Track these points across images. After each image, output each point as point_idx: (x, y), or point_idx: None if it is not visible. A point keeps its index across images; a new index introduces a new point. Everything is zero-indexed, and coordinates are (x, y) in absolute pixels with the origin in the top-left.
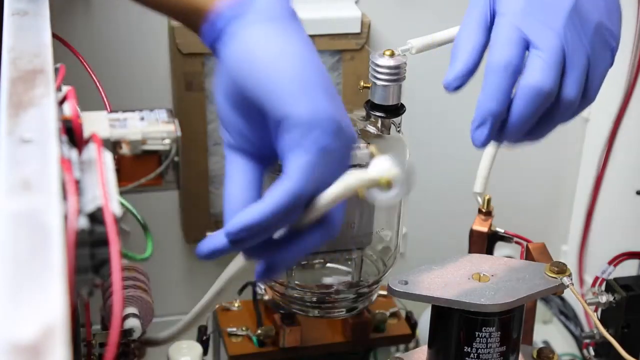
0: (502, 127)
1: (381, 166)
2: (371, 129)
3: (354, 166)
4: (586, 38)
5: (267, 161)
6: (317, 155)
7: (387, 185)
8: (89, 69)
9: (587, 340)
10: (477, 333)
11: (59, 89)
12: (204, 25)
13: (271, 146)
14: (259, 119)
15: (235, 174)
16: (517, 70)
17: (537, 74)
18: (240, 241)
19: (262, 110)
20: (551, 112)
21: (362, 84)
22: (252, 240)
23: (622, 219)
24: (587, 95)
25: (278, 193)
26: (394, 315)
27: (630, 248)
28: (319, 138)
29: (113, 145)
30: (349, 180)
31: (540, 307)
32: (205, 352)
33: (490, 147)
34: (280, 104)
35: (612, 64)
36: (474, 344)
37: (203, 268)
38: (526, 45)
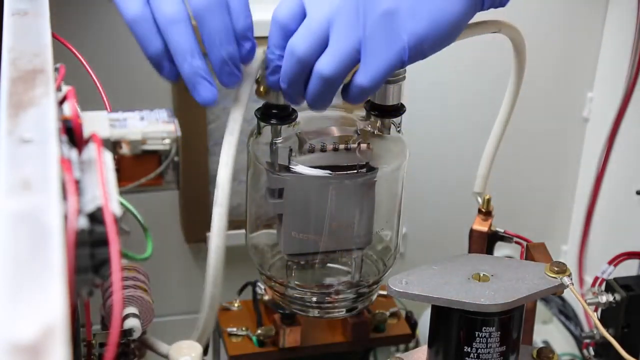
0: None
1: None
2: (371, 129)
3: (354, 166)
4: (366, 21)
5: None
6: None
7: None
8: (89, 69)
9: (587, 340)
10: (477, 333)
11: (59, 89)
12: None
13: None
14: None
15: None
16: (286, 28)
17: (295, 37)
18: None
19: None
20: (309, 81)
21: None
22: None
23: (622, 219)
24: (355, 81)
25: None
26: (394, 315)
27: (630, 248)
28: None
29: (113, 145)
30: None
31: (540, 307)
32: (205, 352)
33: (491, 147)
34: None
35: (402, 61)
36: (474, 344)
37: (203, 268)
38: (303, 13)
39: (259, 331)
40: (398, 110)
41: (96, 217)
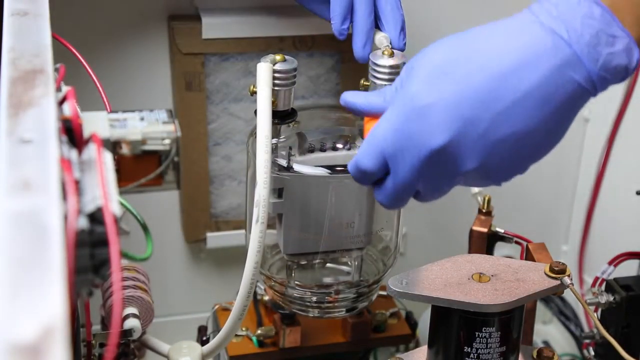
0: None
1: None
2: None
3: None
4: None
5: None
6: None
7: None
8: (89, 69)
9: (587, 341)
10: (477, 333)
11: (59, 89)
12: None
13: None
14: None
15: None
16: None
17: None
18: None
19: None
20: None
21: (362, 82)
22: None
23: (622, 219)
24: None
25: None
26: (394, 315)
27: (630, 248)
28: None
29: (113, 145)
30: None
31: (540, 307)
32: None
33: None
34: None
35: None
36: (474, 344)
37: (203, 268)
38: None
39: (259, 331)
40: None
41: (96, 217)
